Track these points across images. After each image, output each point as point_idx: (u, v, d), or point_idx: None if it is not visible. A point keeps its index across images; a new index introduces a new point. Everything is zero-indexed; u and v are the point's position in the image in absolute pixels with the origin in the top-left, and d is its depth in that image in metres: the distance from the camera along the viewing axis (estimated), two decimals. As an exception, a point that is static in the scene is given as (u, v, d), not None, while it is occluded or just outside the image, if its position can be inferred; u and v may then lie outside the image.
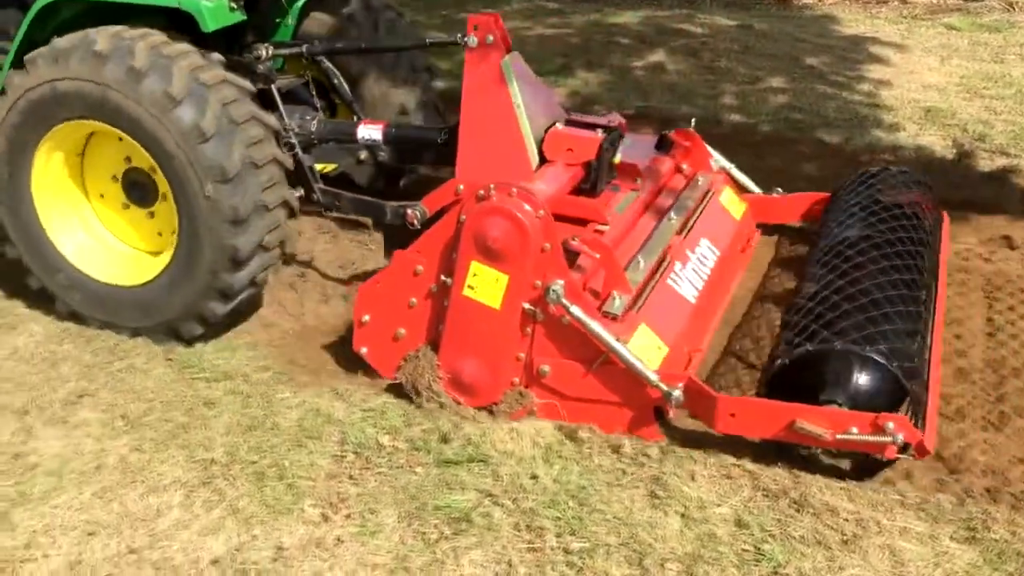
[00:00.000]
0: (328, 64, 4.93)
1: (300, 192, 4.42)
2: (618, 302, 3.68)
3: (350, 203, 4.53)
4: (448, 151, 4.09)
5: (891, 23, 10.33)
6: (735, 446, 3.51)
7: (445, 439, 3.57)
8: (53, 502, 3.32)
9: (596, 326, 3.51)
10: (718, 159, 4.96)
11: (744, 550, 3.07)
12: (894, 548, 3.06)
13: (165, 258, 4.19)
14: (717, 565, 3.01)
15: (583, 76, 8.28)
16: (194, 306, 4.12)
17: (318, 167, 4.67)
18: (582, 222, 3.89)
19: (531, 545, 3.10)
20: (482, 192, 3.65)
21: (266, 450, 3.56)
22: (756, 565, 3.01)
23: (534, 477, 3.38)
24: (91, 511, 3.28)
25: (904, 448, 3.20)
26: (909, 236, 4.17)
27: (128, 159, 4.29)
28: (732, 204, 4.98)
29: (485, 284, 3.66)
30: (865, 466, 3.40)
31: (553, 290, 3.51)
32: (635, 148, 4.27)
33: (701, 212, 4.66)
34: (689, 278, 4.24)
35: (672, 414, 3.56)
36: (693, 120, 4.90)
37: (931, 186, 4.85)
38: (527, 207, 3.58)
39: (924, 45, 9.42)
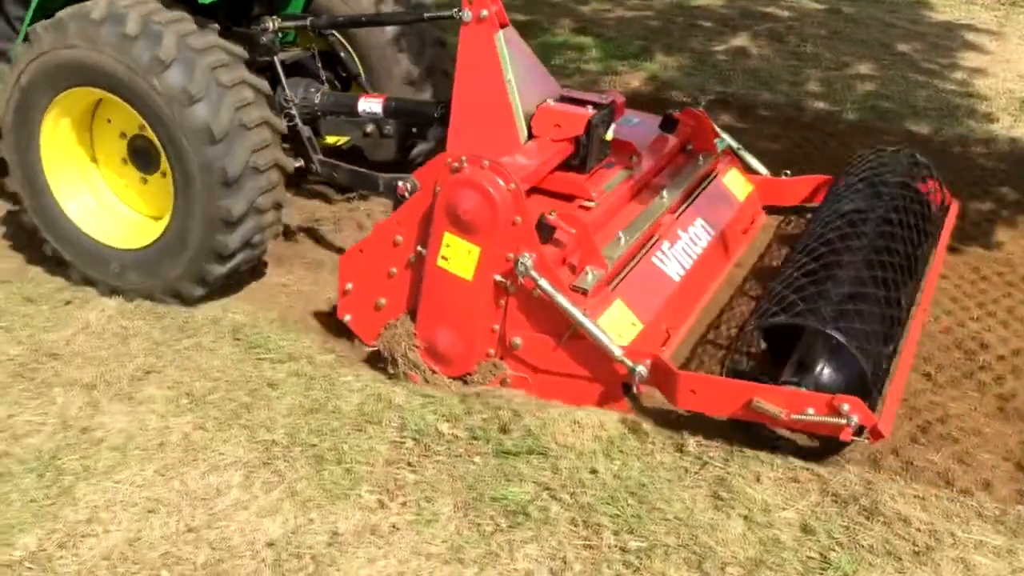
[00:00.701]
0: (336, 37, 4.98)
1: (300, 162, 4.53)
2: (590, 277, 3.67)
3: (347, 174, 4.62)
4: (446, 124, 4.07)
5: (987, 9, 9.92)
6: (803, 448, 3.39)
7: (504, 429, 3.53)
8: (116, 477, 3.36)
9: (564, 300, 3.51)
10: (725, 139, 4.87)
11: (809, 557, 2.96)
12: (968, 562, 2.92)
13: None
14: (780, 571, 2.91)
15: (662, 60, 8.12)
16: (202, 251, 4.19)
17: (331, 139, 4.80)
18: (569, 198, 3.88)
19: (587, 542, 3.04)
20: (456, 164, 3.65)
21: (326, 433, 3.56)
22: (822, 573, 2.90)
23: (593, 472, 3.32)
24: (152, 488, 3.31)
25: (859, 431, 3.13)
26: (900, 218, 4.08)
27: (123, 134, 4.40)
28: (736, 185, 4.89)
29: (458, 255, 3.67)
30: (825, 446, 3.36)
31: (522, 263, 3.52)
32: (639, 127, 4.21)
33: (700, 192, 4.59)
34: (677, 257, 4.20)
35: (639, 389, 3.53)
36: (703, 101, 4.80)
37: (931, 167, 4.67)
38: (499, 180, 3.57)
39: (1022, 32, 9.03)
